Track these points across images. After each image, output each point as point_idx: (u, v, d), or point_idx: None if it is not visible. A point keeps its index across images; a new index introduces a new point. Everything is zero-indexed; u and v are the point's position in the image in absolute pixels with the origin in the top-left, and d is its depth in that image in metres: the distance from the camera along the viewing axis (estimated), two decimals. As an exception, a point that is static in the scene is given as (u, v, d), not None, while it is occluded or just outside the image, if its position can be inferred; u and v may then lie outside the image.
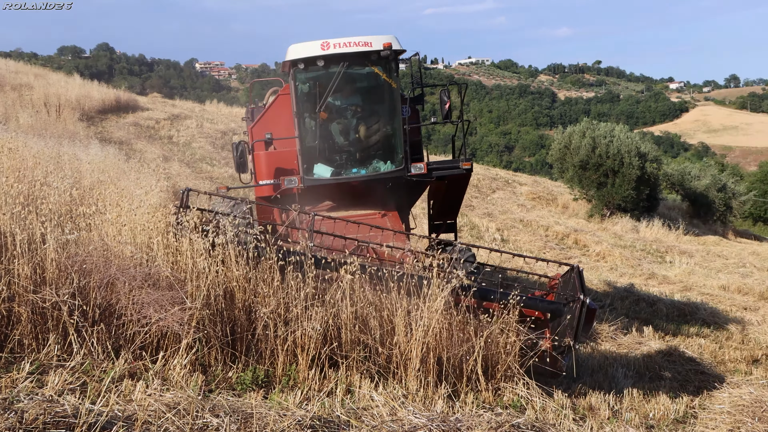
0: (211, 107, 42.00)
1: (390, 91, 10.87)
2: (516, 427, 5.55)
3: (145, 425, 4.85)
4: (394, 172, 10.82)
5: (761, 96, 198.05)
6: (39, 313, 6.06)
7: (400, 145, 10.84)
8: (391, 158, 10.95)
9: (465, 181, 11.85)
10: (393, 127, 10.96)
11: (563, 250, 23.94)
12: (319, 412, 5.59)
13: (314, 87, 10.74)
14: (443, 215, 12.94)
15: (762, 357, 12.85)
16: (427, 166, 10.97)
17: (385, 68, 10.67)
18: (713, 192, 39.05)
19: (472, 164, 11.31)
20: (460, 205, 12.87)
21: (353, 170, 10.89)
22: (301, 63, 10.37)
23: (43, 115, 25.98)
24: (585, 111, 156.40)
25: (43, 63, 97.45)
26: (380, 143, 11.08)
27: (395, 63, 10.73)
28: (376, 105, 11.30)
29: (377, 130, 11.08)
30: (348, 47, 10.26)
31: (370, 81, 11.11)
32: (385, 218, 10.41)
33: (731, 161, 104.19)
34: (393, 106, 10.90)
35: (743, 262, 25.88)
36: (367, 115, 11.19)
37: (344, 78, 10.55)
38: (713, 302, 17.57)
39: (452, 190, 12.10)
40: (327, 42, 10.27)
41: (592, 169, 32.82)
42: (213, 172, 25.74)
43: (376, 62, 10.57)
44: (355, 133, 11.08)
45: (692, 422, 8.22)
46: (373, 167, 10.89)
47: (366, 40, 10.32)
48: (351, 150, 11.04)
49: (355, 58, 10.41)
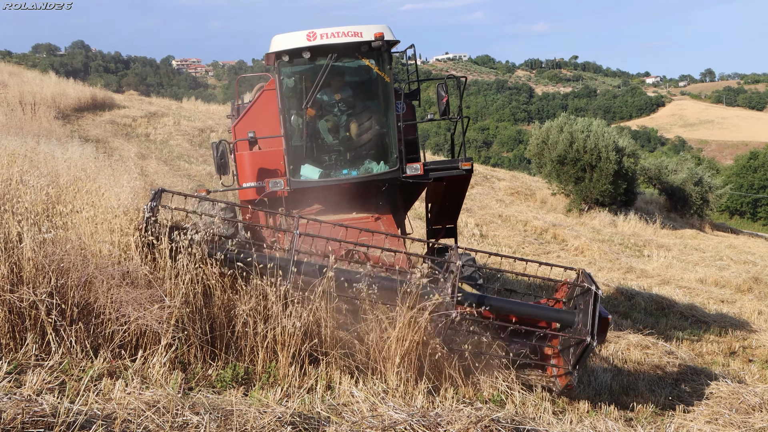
0: (188, 105, 41.88)
1: (383, 85, 10.23)
2: (496, 422, 5.57)
3: (124, 424, 4.83)
4: (388, 174, 10.16)
5: (736, 90, 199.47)
6: (16, 312, 6.02)
7: (394, 144, 10.18)
8: (385, 158, 10.30)
9: (465, 182, 11.09)
10: (386, 124, 10.32)
11: (542, 244, 24.01)
12: (300, 408, 5.59)
13: (300, 81, 10.16)
14: (442, 219, 12.22)
15: (739, 349, 12.98)
16: (424, 166, 10.31)
17: (377, 60, 10.07)
18: (690, 186, 39.29)
19: (473, 164, 10.57)
20: (460, 208, 12.07)
21: (343, 171, 10.22)
22: (286, 55, 9.72)
23: (18, 114, 25.80)
24: (562, 106, 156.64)
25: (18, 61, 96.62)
26: (372, 142, 10.43)
27: (388, 55, 10.08)
28: (367, 100, 10.58)
29: (369, 127, 10.41)
30: (336, 38, 9.60)
31: (362, 74, 10.51)
32: (379, 222, 9.87)
33: (707, 155, 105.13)
34: (386, 102, 10.25)
35: (720, 255, 26.08)
36: (358, 111, 10.48)
37: (333, 71, 9.88)
38: (691, 295, 17.71)
39: (451, 192, 11.30)
40: (313, 32, 9.63)
41: (570, 164, 32.94)
42: (191, 170, 25.61)
43: (367, 54, 9.95)
44: (346, 131, 10.44)
45: (670, 414, 8.28)
46: (365, 168, 10.22)
47: (356, 30, 9.67)
48: (341, 149, 10.42)
49: (344, 49, 9.77)
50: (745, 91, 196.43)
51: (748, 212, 62.25)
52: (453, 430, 5.40)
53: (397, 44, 10.04)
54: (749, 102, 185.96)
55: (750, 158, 66.62)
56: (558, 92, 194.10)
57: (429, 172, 10.34)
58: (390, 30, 9.86)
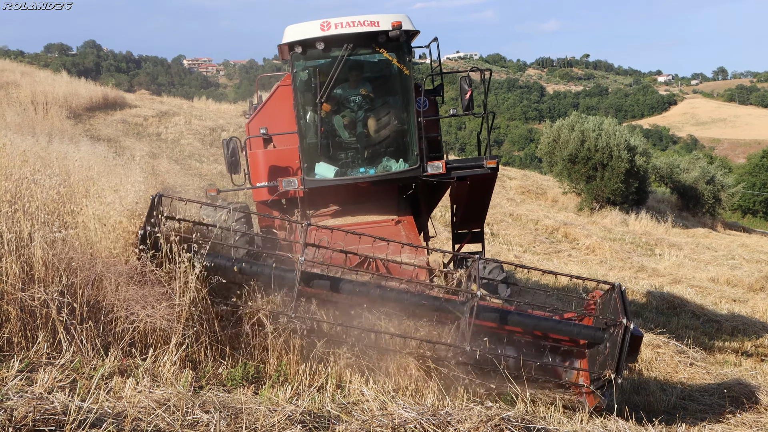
0: (199, 104, 41.92)
1: (402, 79, 9.60)
2: (506, 420, 5.56)
3: (135, 422, 4.84)
4: (408, 172, 9.58)
5: (749, 88, 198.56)
6: (28, 311, 6.05)
7: (414, 141, 9.59)
8: (404, 156, 9.71)
9: (490, 182, 10.37)
10: (406, 120, 9.71)
11: (553, 243, 23.98)
12: (310, 407, 5.59)
13: (315, 74, 9.58)
14: (468, 222, 11.45)
15: (751, 348, 12.93)
16: (446, 164, 9.66)
17: (395, 52, 9.44)
18: (702, 184, 39.18)
19: (498, 162, 9.92)
20: (486, 210, 11.33)
21: (360, 170, 9.66)
22: (299, 46, 9.15)
23: (31, 113, 25.88)
24: (574, 104, 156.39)
25: (30, 61, 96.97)
26: (391, 139, 9.84)
27: (408, 46, 9.44)
28: (386, 95, 10.01)
29: (387, 123, 9.82)
30: (352, 27, 9.01)
31: (380, 67, 9.96)
32: (399, 225, 9.36)
33: (720, 153, 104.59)
34: (406, 97, 9.63)
35: (732, 254, 26.00)
36: (376, 106, 9.91)
37: (349, 64, 9.39)
38: (702, 294, 17.66)
39: (476, 192, 10.51)
40: (327, 21, 9.06)
41: (581, 163, 32.89)
42: (202, 169, 25.65)
43: (385, 45, 9.28)
44: (363, 127, 9.85)
45: (682, 414, 8.27)
46: (383, 166, 9.63)
47: (372, 19, 9.06)
48: (358, 147, 9.85)
49: (360, 39, 9.15)
50: (758, 90, 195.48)
51: (760, 211, 61.86)
52: (463, 428, 5.39)
53: (417, 35, 9.48)
54: (762, 100, 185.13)
55: (763, 157, 66.19)
56: (569, 91, 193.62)
57: (451, 170, 9.74)
58: (409, 19, 9.32)
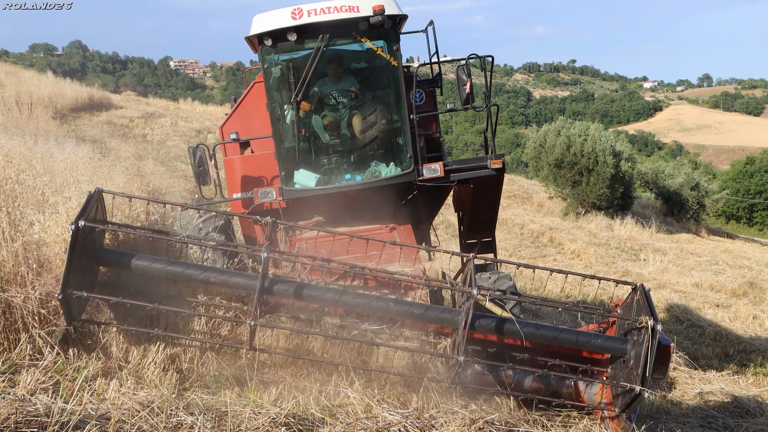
0: (185, 105, 41.73)
1: (390, 70, 8.51)
2: (490, 423, 5.58)
3: (118, 424, 4.82)
4: (400, 177, 8.53)
5: (733, 95, 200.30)
6: (9, 312, 6.01)
7: (407, 142, 8.53)
8: (396, 159, 8.70)
9: (497, 184, 9.25)
10: (396, 118, 8.69)
11: (538, 248, 24.04)
12: (294, 409, 5.58)
13: (289, 69, 8.50)
14: (477, 231, 10.25)
15: (734, 353, 13.01)
16: (445, 166, 8.59)
17: (381, 40, 8.35)
18: (687, 190, 39.42)
19: (504, 162, 8.80)
20: (496, 216, 10.15)
21: (346, 176, 8.60)
22: (268, 38, 8.04)
23: (15, 113, 25.68)
24: (560, 110, 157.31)
25: (15, 60, 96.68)
26: (380, 140, 8.80)
27: (394, 33, 8.26)
28: (373, 90, 8.94)
29: (375, 122, 8.76)
30: (327, 14, 7.88)
31: (363, 58, 8.89)
32: (394, 233, 8.27)
33: (704, 160, 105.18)
34: (396, 91, 8.55)
35: (716, 259, 26.16)
36: (362, 103, 8.85)
37: (327, 56, 8.32)
38: (686, 299, 17.74)
39: (481, 197, 9.35)
40: (299, 9, 7.93)
41: (567, 168, 33.01)
42: (188, 171, 25.47)
43: (367, 33, 8.16)
44: (347, 127, 8.80)
45: (665, 418, 8.29)
46: (372, 171, 8.60)
47: (351, 4, 7.93)
48: (342, 150, 8.82)
49: (337, 27, 8.01)
50: (743, 97, 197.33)
51: (744, 217, 62.38)
52: (447, 431, 5.40)
53: (405, 20, 8.39)
54: (746, 107, 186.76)
55: (746, 163, 66.86)
56: (556, 96, 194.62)
57: (450, 173, 8.67)
58: (395, 3, 8.26)
